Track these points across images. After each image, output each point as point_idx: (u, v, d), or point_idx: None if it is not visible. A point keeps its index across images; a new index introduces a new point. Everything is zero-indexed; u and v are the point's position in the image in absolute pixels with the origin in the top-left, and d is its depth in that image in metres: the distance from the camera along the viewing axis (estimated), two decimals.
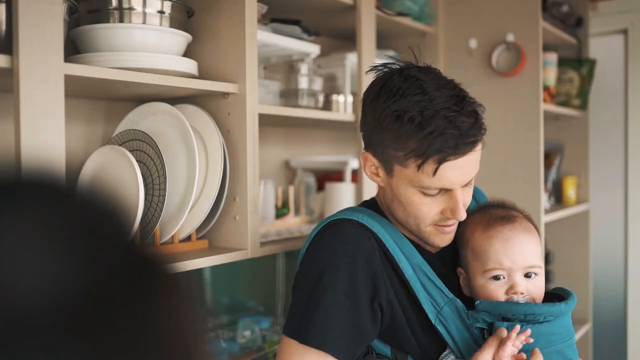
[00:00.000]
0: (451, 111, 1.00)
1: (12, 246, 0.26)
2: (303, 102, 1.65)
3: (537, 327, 1.02)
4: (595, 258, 2.97)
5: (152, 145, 1.30)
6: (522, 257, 1.06)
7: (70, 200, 0.30)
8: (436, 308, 1.05)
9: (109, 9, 1.23)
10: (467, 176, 1.04)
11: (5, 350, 0.24)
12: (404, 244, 1.09)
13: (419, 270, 1.07)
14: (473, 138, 1.01)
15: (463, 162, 1.02)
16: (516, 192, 2.16)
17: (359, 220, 1.08)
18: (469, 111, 1.02)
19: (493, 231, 1.08)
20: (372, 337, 1.07)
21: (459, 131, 0.99)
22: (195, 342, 0.31)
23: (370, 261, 1.05)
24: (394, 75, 1.06)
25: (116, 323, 0.27)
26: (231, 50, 1.39)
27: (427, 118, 0.99)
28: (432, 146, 0.99)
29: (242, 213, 1.38)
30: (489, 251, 1.07)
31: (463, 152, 1.00)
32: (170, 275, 0.31)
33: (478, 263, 1.08)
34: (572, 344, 1.06)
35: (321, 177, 2.07)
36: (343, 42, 2.11)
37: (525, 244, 1.07)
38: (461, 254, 1.14)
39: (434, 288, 1.06)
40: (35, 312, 0.25)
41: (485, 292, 1.07)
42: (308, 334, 1.01)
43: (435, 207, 1.06)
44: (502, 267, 1.06)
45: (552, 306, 1.04)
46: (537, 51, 2.12)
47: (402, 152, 1.02)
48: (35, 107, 0.98)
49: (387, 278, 1.06)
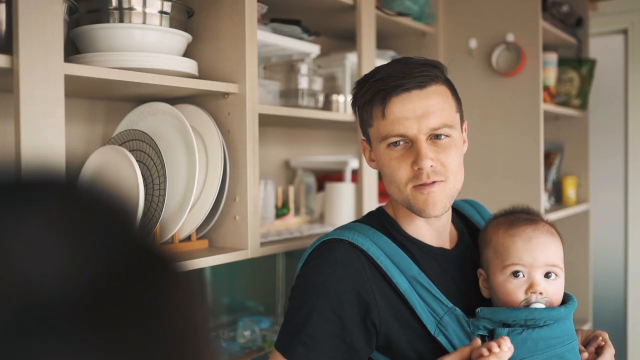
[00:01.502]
0: (398, 64, 1.10)
1: (30, 238, 0.27)
2: (303, 102, 1.65)
3: (537, 331, 1.02)
4: (595, 258, 2.97)
5: (152, 145, 1.30)
6: (543, 255, 1.07)
7: (83, 196, 0.31)
8: (435, 318, 1.05)
9: (109, 9, 1.23)
10: (425, 122, 1.06)
11: (22, 336, 0.25)
12: (399, 257, 1.09)
13: (415, 282, 1.07)
14: (418, 74, 1.06)
15: (412, 103, 1.06)
16: (516, 192, 2.16)
17: (350, 239, 1.09)
18: (418, 60, 1.10)
19: (516, 230, 1.09)
20: (367, 353, 1.08)
21: (403, 73, 1.07)
22: (205, 338, 0.31)
23: (360, 280, 1.06)
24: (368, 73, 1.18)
25: (127, 315, 0.27)
26: (231, 50, 1.39)
27: (375, 72, 1.10)
28: (375, 88, 1.08)
29: (242, 213, 1.38)
30: (510, 248, 1.08)
31: (406, 87, 1.06)
32: (182, 272, 0.32)
33: (499, 260, 1.09)
34: (572, 348, 1.06)
35: (321, 177, 2.07)
36: (343, 42, 2.11)
37: (547, 244, 1.08)
38: (482, 254, 1.14)
39: (432, 298, 1.06)
40: (51, 300, 0.26)
41: (504, 290, 1.07)
42: (295, 352, 1.04)
43: (405, 161, 1.07)
44: (523, 262, 1.06)
45: (552, 310, 1.04)
46: (537, 51, 2.12)
47: (365, 112, 1.12)
48: (35, 107, 0.98)
49: (380, 295, 1.06)
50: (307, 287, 1.09)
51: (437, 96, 1.07)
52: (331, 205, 1.80)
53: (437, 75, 1.09)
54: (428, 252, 1.14)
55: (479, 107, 2.21)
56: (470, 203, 1.34)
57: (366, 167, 1.73)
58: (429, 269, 1.11)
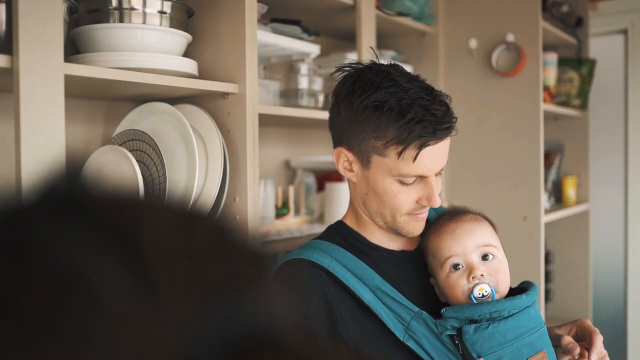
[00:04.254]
0: (425, 100, 1.06)
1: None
2: (303, 102, 1.65)
3: (502, 323, 1.03)
4: (595, 258, 2.97)
5: (152, 145, 1.30)
6: (471, 240, 1.09)
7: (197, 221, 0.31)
8: (403, 324, 1.06)
9: (109, 9, 1.23)
10: (440, 163, 1.09)
11: None
12: (360, 269, 1.10)
13: (379, 291, 1.08)
14: (448, 124, 1.07)
15: (439, 149, 1.07)
16: (516, 192, 2.16)
17: (310, 258, 1.10)
18: (440, 101, 1.08)
19: (441, 228, 1.13)
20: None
21: (435, 118, 1.05)
22: None
23: (324, 297, 1.07)
24: (364, 71, 1.12)
25: None
26: (231, 50, 1.39)
27: (405, 107, 1.05)
28: (413, 132, 1.04)
29: (242, 213, 1.38)
30: (440, 245, 1.11)
31: (440, 137, 1.06)
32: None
33: (436, 261, 1.11)
34: (542, 334, 1.07)
35: (321, 177, 2.08)
36: (343, 42, 2.11)
37: (472, 229, 1.10)
38: (427, 264, 1.16)
39: (398, 305, 1.07)
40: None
41: (449, 285, 1.08)
42: None
43: (412, 196, 1.10)
44: (454, 253, 1.08)
45: (514, 299, 1.05)
46: (537, 51, 2.12)
47: (381, 142, 1.07)
48: (35, 107, 0.98)
49: (345, 309, 1.07)
50: None
51: (449, 139, 1.10)
52: (331, 205, 1.80)
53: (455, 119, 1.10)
54: (390, 255, 1.16)
55: (479, 107, 2.21)
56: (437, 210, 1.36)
57: None
58: (393, 273, 1.13)
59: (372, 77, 1.08)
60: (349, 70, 1.14)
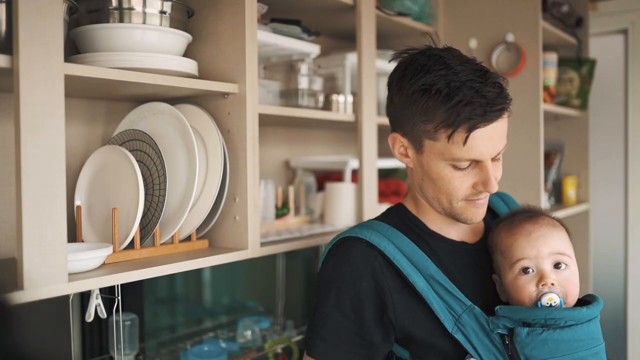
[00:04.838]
0: (476, 82, 1.03)
1: None
2: (303, 102, 1.65)
3: (558, 332, 1.00)
4: (595, 258, 2.97)
5: (152, 145, 1.30)
6: (546, 245, 1.06)
7: None
8: (454, 316, 1.05)
9: (109, 9, 1.23)
10: (496, 147, 1.06)
11: None
12: (416, 256, 1.09)
13: (432, 280, 1.07)
14: (500, 106, 1.04)
15: (492, 131, 1.04)
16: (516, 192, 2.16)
17: (367, 238, 1.10)
18: (493, 82, 1.06)
19: (516, 228, 1.10)
20: (385, 349, 1.10)
21: (486, 99, 1.02)
22: None
23: (377, 279, 1.08)
24: (417, 55, 1.11)
25: None
26: (231, 50, 1.39)
27: (453, 89, 1.03)
28: (461, 115, 1.02)
29: (242, 213, 1.38)
30: (513, 245, 1.08)
31: (491, 119, 1.03)
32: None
33: (506, 261, 1.09)
34: (597, 353, 1.02)
35: (321, 177, 2.07)
36: (343, 42, 2.11)
37: (548, 234, 1.07)
38: (493, 260, 1.15)
39: (450, 296, 1.06)
40: None
41: (516, 287, 1.06)
42: (316, 348, 1.09)
43: (467, 181, 1.08)
44: (527, 256, 1.06)
45: (574, 310, 1.01)
46: (537, 51, 2.12)
47: (431, 125, 1.05)
48: (35, 107, 0.98)
49: (397, 293, 1.07)
50: (325, 285, 1.12)
51: (504, 121, 1.07)
52: (331, 205, 1.80)
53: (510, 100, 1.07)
54: (448, 244, 1.15)
55: None
56: (501, 196, 1.34)
57: (366, 167, 1.73)
58: (449, 263, 1.12)
59: (424, 61, 1.08)
60: (403, 55, 1.14)
